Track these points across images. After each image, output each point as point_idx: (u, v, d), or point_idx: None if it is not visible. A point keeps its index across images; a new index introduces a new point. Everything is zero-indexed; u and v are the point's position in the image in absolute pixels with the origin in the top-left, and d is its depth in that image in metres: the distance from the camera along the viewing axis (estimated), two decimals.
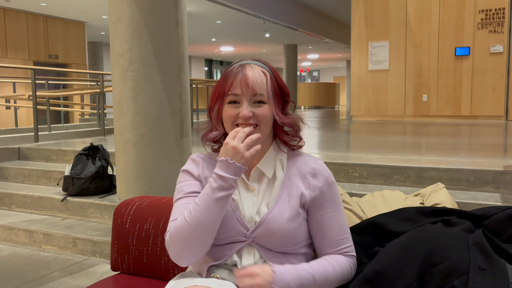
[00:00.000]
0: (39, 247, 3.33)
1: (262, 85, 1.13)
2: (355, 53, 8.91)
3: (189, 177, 1.21)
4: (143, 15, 3.20)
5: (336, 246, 1.16)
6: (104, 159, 3.73)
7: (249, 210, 1.15)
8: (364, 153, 3.88)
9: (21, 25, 11.64)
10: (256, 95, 1.12)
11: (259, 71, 1.14)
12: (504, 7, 7.64)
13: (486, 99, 7.88)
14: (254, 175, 1.18)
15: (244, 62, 1.18)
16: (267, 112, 1.13)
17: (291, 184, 1.16)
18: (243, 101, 1.12)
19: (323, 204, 1.16)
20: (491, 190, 2.85)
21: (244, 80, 1.11)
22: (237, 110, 1.12)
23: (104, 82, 6.55)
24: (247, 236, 1.13)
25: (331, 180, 1.18)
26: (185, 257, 1.12)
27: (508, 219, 1.12)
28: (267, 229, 1.12)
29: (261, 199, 1.16)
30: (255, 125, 1.12)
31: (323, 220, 1.15)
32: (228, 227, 1.13)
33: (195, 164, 1.23)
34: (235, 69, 1.15)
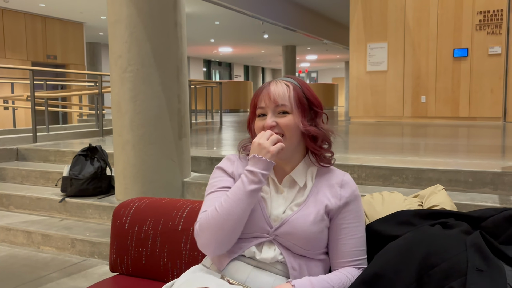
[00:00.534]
0: (37, 248, 3.33)
1: (284, 96, 1.21)
2: (353, 54, 8.92)
3: (223, 174, 1.29)
4: (141, 16, 3.20)
5: (351, 256, 1.19)
6: (102, 160, 3.73)
7: (276, 210, 1.21)
8: (362, 154, 3.89)
9: (19, 26, 11.63)
10: (278, 106, 1.21)
11: (282, 84, 1.24)
12: (502, 9, 7.66)
13: (484, 100, 7.90)
14: (286, 182, 1.25)
15: (273, 80, 1.28)
16: (291, 121, 1.20)
17: (318, 192, 1.22)
18: (268, 113, 1.22)
19: (346, 213, 1.21)
20: (489, 192, 2.86)
21: (267, 93, 1.22)
22: (264, 122, 1.22)
23: (102, 83, 6.55)
24: (270, 233, 1.18)
25: (357, 193, 1.25)
26: (212, 247, 1.17)
27: (506, 221, 1.12)
28: (291, 228, 1.17)
29: (289, 202, 1.22)
30: (281, 134, 1.20)
31: (344, 228, 1.20)
32: (253, 222, 1.19)
33: (230, 162, 1.31)
34: (262, 87, 1.26)
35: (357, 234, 1.20)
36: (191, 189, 3.45)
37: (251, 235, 1.19)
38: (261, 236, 1.18)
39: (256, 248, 1.18)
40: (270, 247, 1.18)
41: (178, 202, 1.67)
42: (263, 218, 1.19)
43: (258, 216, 1.19)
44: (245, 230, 1.18)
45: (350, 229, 1.20)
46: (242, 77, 28.22)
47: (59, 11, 11.69)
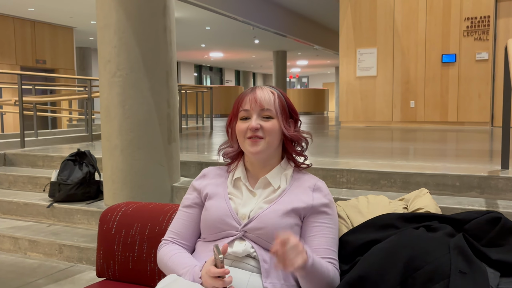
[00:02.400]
0: (24, 254, 3.29)
1: (270, 101, 1.27)
2: (343, 60, 8.98)
3: (191, 191, 1.39)
4: (131, 21, 3.20)
5: (322, 253, 1.21)
6: (91, 165, 3.71)
7: (244, 208, 1.26)
8: (352, 158, 3.91)
9: (8, 30, 11.54)
10: (263, 110, 1.26)
11: (267, 91, 1.29)
12: (489, 15, 7.76)
13: (472, 105, 7.99)
14: (260, 184, 1.30)
15: (257, 86, 1.32)
16: (274, 126, 1.26)
17: (291, 193, 1.27)
18: (252, 115, 1.26)
19: (319, 214, 1.24)
20: (476, 195, 2.89)
21: (253, 97, 1.27)
22: (247, 124, 1.26)
23: (92, 87, 6.52)
24: (239, 230, 1.22)
25: (330, 198, 1.29)
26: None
27: (488, 223, 1.14)
28: (260, 223, 1.20)
29: (260, 201, 1.26)
30: (261, 137, 1.25)
31: (315, 227, 1.23)
32: (221, 222, 1.24)
33: (202, 178, 1.39)
34: (248, 91, 1.31)
35: (329, 235, 1.23)
36: (180, 193, 3.44)
37: (221, 235, 1.24)
38: (231, 235, 1.23)
39: (228, 246, 1.22)
40: (241, 242, 1.22)
41: (165, 207, 1.66)
42: (231, 216, 1.24)
43: (225, 215, 1.25)
44: (215, 231, 1.25)
45: (322, 228, 1.22)
46: (233, 82, 28.25)
47: (48, 15, 11.63)
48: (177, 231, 1.34)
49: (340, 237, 1.28)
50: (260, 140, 1.25)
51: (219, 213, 1.26)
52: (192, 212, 1.35)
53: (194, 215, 1.35)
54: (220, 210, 1.26)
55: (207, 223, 1.28)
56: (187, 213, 1.36)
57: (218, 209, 1.27)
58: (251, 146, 1.26)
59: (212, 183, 1.35)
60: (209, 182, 1.36)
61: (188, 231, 1.34)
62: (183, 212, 1.37)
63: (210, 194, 1.32)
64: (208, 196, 1.32)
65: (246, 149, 1.28)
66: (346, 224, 1.35)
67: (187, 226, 1.34)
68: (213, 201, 1.30)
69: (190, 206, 1.36)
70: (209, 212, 1.28)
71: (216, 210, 1.27)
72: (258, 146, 1.25)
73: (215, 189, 1.32)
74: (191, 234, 1.34)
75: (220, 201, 1.28)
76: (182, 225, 1.35)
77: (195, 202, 1.36)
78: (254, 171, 1.33)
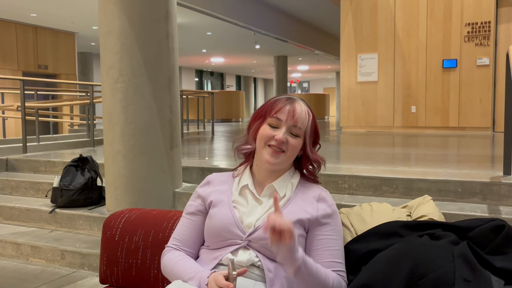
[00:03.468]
0: (26, 260, 3.29)
1: (304, 121, 1.28)
2: (344, 65, 9.00)
3: (195, 198, 1.39)
4: (133, 27, 3.22)
5: (328, 267, 1.20)
6: (93, 171, 3.71)
7: (249, 217, 1.25)
8: (353, 164, 3.91)
9: (10, 35, 11.59)
10: (295, 127, 1.27)
11: (306, 110, 1.30)
12: (490, 21, 7.78)
13: (474, 110, 7.99)
14: (267, 191, 1.30)
15: (292, 96, 1.32)
16: (298, 145, 1.28)
17: (296, 202, 1.27)
18: (282, 127, 1.26)
19: (323, 226, 1.24)
20: (478, 201, 2.89)
21: (292, 111, 1.26)
22: (274, 133, 1.26)
23: (94, 93, 6.53)
24: (243, 239, 1.22)
25: (334, 209, 1.28)
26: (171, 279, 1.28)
27: (492, 231, 1.14)
28: (264, 233, 1.18)
29: (266, 210, 1.26)
30: (282, 151, 1.26)
31: (320, 239, 1.23)
32: (226, 231, 1.24)
33: (207, 185, 1.39)
34: (284, 99, 1.30)
35: (334, 247, 1.22)
36: (182, 199, 3.44)
37: (225, 243, 1.25)
38: (235, 243, 1.23)
39: (231, 254, 1.23)
40: (245, 252, 1.22)
41: (168, 213, 1.67)
42: (235, 225, 1.24)
43: (230, 224, 1.25)
44: (219, 239, 1.26)
45: (326, 240, 1.22)
46: (234, 87, 28.30)
47: (50, 21, 11.68)
48: (181, 238, 1.35)
49: (345, 246, 1.28)
50: (281, 153, 1.26)
51: (224, 222, 1.26)
52: (195, 219, 1.35)
53: (198, 222, 1.35)
54: (224, 218, 1.26)
55: (211, 231, 1.28)
56: (191, 220, 1.36)
57: (222, 218, 1.27)
58: (270, 156, 1.26)
59: (216, 190, 1.35)
60: (214, 189, 1.36)
61: (191, 238, 1.34)
62: (186, 219, 1.37)
63: (214, 202, 1.32)
64: (213, 203, 1.32)
65: (264, 156, 1.27)
66: (350, 232, 1.35)
67: (191, 233, 1.34)
68: (217, 209, 1.29)
69: (193, 213, 1.36)
70: (213, 220, 1.28)
71: (220, 219, 1.27)
72: (278, 158, 1.26)
73: (220, 197, 1.32)
74: (195, 241, 1.34)
75: (224, 209, 1.28)
76: (186, 232, 1.35)
77: (199, 210, 1.36)
78: (261, 178, 1.32)
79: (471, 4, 7.89)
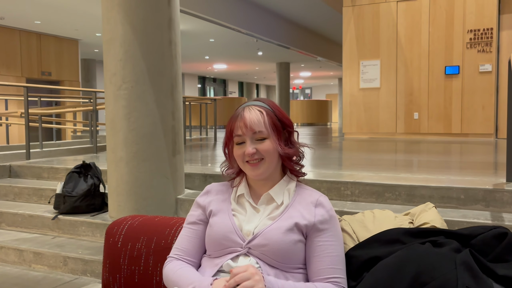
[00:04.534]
0: (28, 266, 3.29)
1: (260, 123, 1.26)
2: (346, 72, 9.02)
3: (196, 208, 1.39)
4: (136, 34, 3.24)
5: (327, 273, 1.20)
6: (96, 177, 3.72)
7: (248, 224, 1.26)
8: (356, 171, 3.91)
9: (14, 42, 11.67)
10: (255, 133, 1.26)
11: (255, 111, 1.28)
12: (492, 27, 7.80)
13: (476, 117, 7.99)
14: (264, 199, 1.31)
15: (245, 104, 1.32)
16: (270, 146, 1.26)
17: (294, 209, 1.27)
18: (247, 140, 1.27)
19: (323, 232, 1.24)
20: (481, 208, 2.88)
21: (243, 121, 1.26)
22: (244, 149, 1.27)
23: (97, 99, 6.56)
24: (243, 247, 1.23)
25: (333, 214, 1.28)
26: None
27: (495, 239, 1.14)
28: (264, 240, 1.21)
29: (264, 218, 1.27)
30: (261, 158, 1.26)
31: (320, 246, 1.23)
32: (225, 239, 1.25)
33: (206, 194, 1.40)
34: (237, 112, 1.31)
35: (333, 253, 1.22)
36: (184, 206, 3.45)
37: (226, 251, 1.25)
38: (235, 251, 1.24)
39: (232, 261, 1.24)
40: (245, 258, 1.23)
41: (171, 220, 1.67)
42: (235, 233, 1.25)
43: (229, 231, 1.25)
44: (219, 247, 1.26)
45: (325, 246, 1.22)
46: (236, 93, 28.36)
47: (54, 28, 11.76)
48: (182, 248, 1.35)
49: (346, 252, 1.28)
50: (259, 162, 1.26)
51: (223, 230, 1.26)
52: (197, 228, 1.36)
53: (199, 231, 1.35)
54: (224, 227, 1.27)
55: (212, 240, 1.29)
56: (192, 229, 1.36)
57: (222, 226, 1.28)
58: (252, 170, 1.27)
59: (216, 199, 1.36)
60: (213, 198, 1.37)
61: (193, 247, 1.34)
62: (188, 228, 1.38)
63: (214, 211, 1.33)
64: (213, 212, 1.33)
65: (248, 173, 1.30)
66: (352, 239, 1.35)
67: (192, 242, 1.35)
68: (217, 218, 1.30)
69: (195, 223, 1.37)
70: (213, 229, 1.29)
71: (220, 227, 1.28)
72: (259, 169, 1.26)
73: (219, 206, 1.33)
74: (197, 250, 1.35)
75: (224, 218, 1.29)
76: (187, 241, 1.35)
77: (200, 219, 1.37)
78: (257, 187, 1.34)
79: (473, 11, 7.91)
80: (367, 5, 8.74)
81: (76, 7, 9.62)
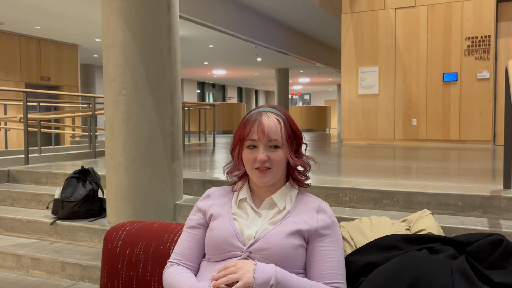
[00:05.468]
0: (26, 271, 3.29)
1: (277, 132, 1.27)
2: (345, 78, 9.05)
3: (196, 212, 1.40)
4: (136, 40, 3.25)
5: (329, 278, 1.21)
6: (94, 182, 3.73)
7: (249, 229, 1.27)
8: (354, 177, 3.92)
9: (13, 47, 11.69)
10: (271, 141, 1.27)
11: (274, 119, 1.28)
12: (490, 35, 7.84)
13: (474, 124, 8.02)
14: (266, 204, 1.31)
15: (261, 109, 1.31)
16: (281, 157, 1.28)
17: (296, 214, 1.28)
18: (260, 146, 1.27)
19: (324, 237, 1.25)
20: (478, 215, 2.89)
21: (261, 127, 1.26)
22: (255, 155, 1.27)
23: (96, 104, 6.57)
24: (244, 251, 1.23)
25: (334, 220, 1.30)
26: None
27: (491, 246, 1.15)
28: (265, 244, 1.22)
29: (266, 222, 1.28)
30: (269, 168, 1.27)
31: (321, 251, 1.24)
32: (226, 243, 1.25)
33: (207, 198, 1.41)
34: (253, 117, 1.30)
35: (334, 258, 1.23)
36: (183, 212, 3.45)
37: (226, 256, 1.26)
38: (236, 255, 1.24)
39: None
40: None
41: (169, 226, 1.68)
42: (236, 237, 1.26)
43: (230, 236, 1.26)
44: (219, 251, 1.27)
45: (327, 252, 1.23)
46: (235, 99, 28.40)
47: (54, 33, 11.79)
48: (182, 252, 1.35)
49: (344, 258, 1.29)
50: (268, 170, 1.27)
51: (224, 234, 1.27)
52: (196, 233, 1.36)
53: (199, 236, 1.36)
54: (224, 231, 1.27)
55: (212, 244, 1.29)
56: (192, 234, 1.37)
57: (222, 230, 1.28)
58: (259, 178, 1.28)
59: (216, 203, 1.37)
60: (213, 202, 1.37)
61: (193, 252, 1.35)
62: (187, 233, 1.38)
63: (214, 215, 1.33)
64: (213, 216, 1.34)
65: (254, 179, 1.30)
66: (350, 245, 1.36)
67: (192, 247, 1.35)
68: (218, 222, 1.31)
69: (194, 227, 1.37)
70: (213, 233, 1.30)
71: (220, 231, 1.28)
72: (267, 177, 1.27)
73: (220, 210, 1.34)
74: (196, 255, 1.35)
75: (224, 222, 1.30)
76: (187, 246, 1.36)
77: (199, 223, 1.37)
78: (259, 192, 1.35)
79: (471, 19, 7.96)
80: (366, 12, 8.79)
81: (76, 13, 9.66)
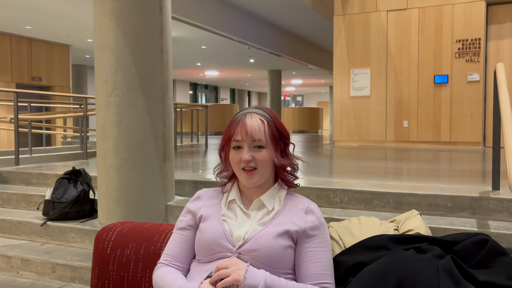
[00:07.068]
0: (16, 273, 3.27)
1: (260, 131, 1.28)
2: (337, 80, 9.09)
3: (185, 213, 1.41)
4: (128, 41, 3.25)
5: (317, 279, 1.23)
6: (86, 183, 3.72)
7: (239, 230, 1.28)
8: (345, 178, 3.94)
9: (4, 48, 11.60)
10: (255, 141, 1.28)
11: (257, 119, 1.30)
12: (480, 38, 7.92)
13: (465, 125, 8.09)
14: (255, 205, 1.33)
15: (246, 111, 1.33)
16: (266, 156, 1.29)
17: (284, 215, 1.29)
18: (244, 146, 1.29)
19: (313, 238, 1.26)
20: (467, 216, 2.92)
21: (244, 128, 1.28)
22: (240, 155, 1.29)
23: (87, 105, 6.54)
24: (233, 252, 1.24)
25: (322, 221, 1.31)
26: None
27: (476, 246, 1.17)
28: (254, 245, 1.23)
29: (255, 223, 1.29)
30: (255, 168, 1.28)
31: (309, 252, 1.25)
32: (216, 244, 1.26)
33: (197, 200, 1.42)
34: (238, 118, 1.32)
35: (323, 258, 1.25)
36: (174, 212, 3.45)
37: (216, 257, 1.27)
38: (225, 256, 1.25)
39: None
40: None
41: (160, 227, 1.68)
42: (225, 238, 1.27)
43: (219, 237, 1.27)
44: (209, 252, 1.28)
45: (315, 252, 1.25)
46: (228, 100, 28.39)
47: (45, 33, 11.71)
48: (172, 254, 1.36)
49: (333, 258, 1.31)
50: (254, 171, 1.28)
51: (214, 235, 1.28)
52: (186, 234, 1.37)
53: (189, 237, 1.37)
54: (214, 232, 1.28)
55: (202, 245, 1.30)
56: (182, 235, 1.37)
57: (212, 231, 1.29)
58: (246, 179, 1.29)
59: (206, 205, 1.37)
60: (203, 204, 1.38)
61: (183, 253, 1.36)
62: (177, 234, 1.39)
63: (204, 216, 1.34)
64: (203, 218, 1.34)
65: (242, 180, 1.32)
66: (339, 245, 1.37)
67: (182, 248, 1.36)
68: (207, 223, 1.32)
69: (184, 228, 1.38)
70: (203, 234, 1.30)
71: (210, 232, 1.29)
72: (253, 177, 1.29)
73: (209, 211, 1.35)
74: (186, 256, 1.36)
75: (214, 223, 1.31)
76: (177, 247, 1.36)
77: (189, 224, 1.38)
78: (249, 193, 1.36)
79: (461, 21, 8.03)
80: (358, 14, 8.84)
81: (68, 13, 9.61)
